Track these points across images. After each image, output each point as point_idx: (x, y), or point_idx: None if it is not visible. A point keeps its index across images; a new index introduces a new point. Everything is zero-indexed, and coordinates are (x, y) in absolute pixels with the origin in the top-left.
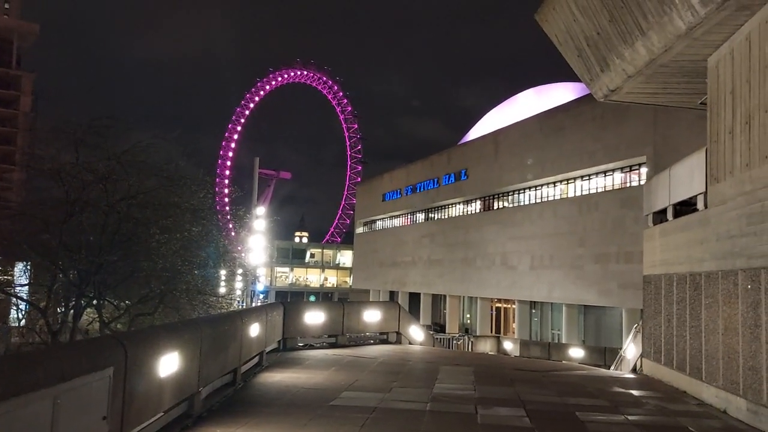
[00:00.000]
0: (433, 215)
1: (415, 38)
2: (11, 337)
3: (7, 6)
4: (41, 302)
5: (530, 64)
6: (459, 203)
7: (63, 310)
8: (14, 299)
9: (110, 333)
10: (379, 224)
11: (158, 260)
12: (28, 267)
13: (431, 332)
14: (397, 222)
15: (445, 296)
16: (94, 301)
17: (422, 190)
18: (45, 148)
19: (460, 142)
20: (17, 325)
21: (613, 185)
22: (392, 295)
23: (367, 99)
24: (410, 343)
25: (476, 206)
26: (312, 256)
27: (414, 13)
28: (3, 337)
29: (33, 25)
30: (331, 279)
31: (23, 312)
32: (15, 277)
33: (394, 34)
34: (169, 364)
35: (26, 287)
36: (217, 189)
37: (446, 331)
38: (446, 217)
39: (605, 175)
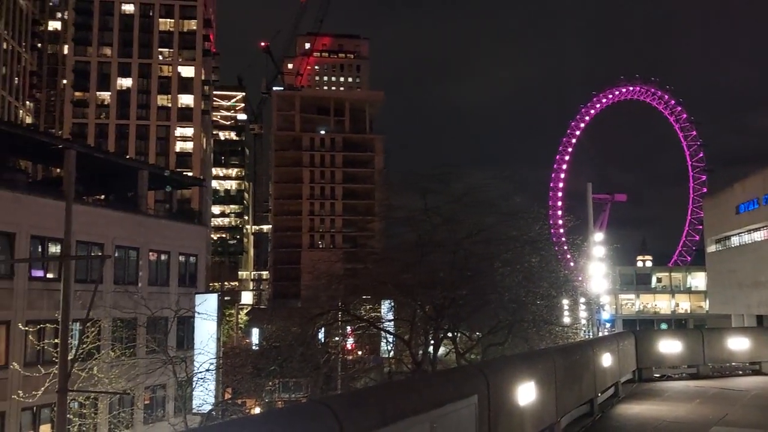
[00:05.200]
0: None
1: (758, 16)
2: (383, 366)
3: (357, 80)
4: (405, 335)
5: None
6: None
7: (423, 341)
8: (383, 333)
9: (467, 363)
10: (734, 240)
11: (504, 292)
12: (392, 304)
13: None
14: (757, 236)
15: None
16: (450, 333)
17: None
18: (398, 199)
19: None
20: (387, 356)
21: None
22: (760, 319)
23: (704, 100)
24: None
25: None
26: (658, 280)
27: None
28: (377, 367)
29: (379, 92)
30: (683, 304)
31: (391, 344)
32: (383, 314)
33: (729, 22)
34: (527, 393)
35: (392, 322)
36: (551, 221)
37: None
38: None
39: None
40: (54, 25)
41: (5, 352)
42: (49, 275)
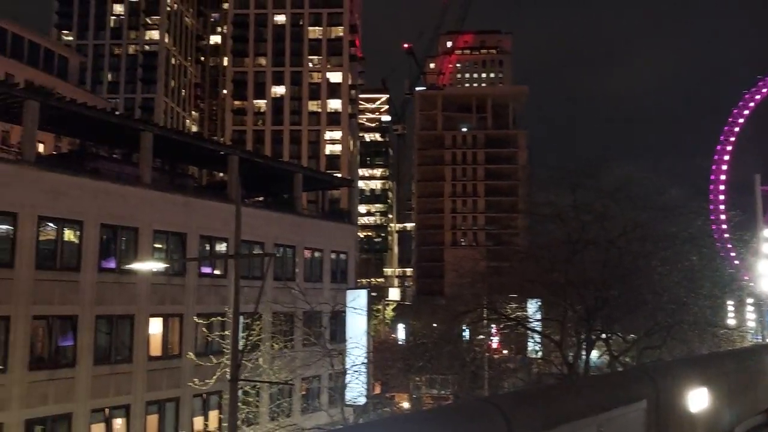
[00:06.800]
0: None
1: None
2: (532, 368)
3: (500, 75)
4: (555, 335)
5: None
6: None
7: (575, 342)
8: (529, 332)
9: (621, 366)
10: None
11: (662, 292)
12: (539, 303)
13: None
14: None
15: None
16: (603, 335)
17: None
18: (543, 195)
19: None
20: (535, 356)
21: None
22: None
23: None
24: None
25: None
26: None
27: None
28: (524, 367)
29: (523, 87)
30: None
31: (539, 345)
32: (530, 313)
33: None
34: (698, 398)
35: (539, 322)
36: (712, 216)
37: None
38: None
39: None
40: (215, 39)
41: (179, 343)
42: (216, 272)
